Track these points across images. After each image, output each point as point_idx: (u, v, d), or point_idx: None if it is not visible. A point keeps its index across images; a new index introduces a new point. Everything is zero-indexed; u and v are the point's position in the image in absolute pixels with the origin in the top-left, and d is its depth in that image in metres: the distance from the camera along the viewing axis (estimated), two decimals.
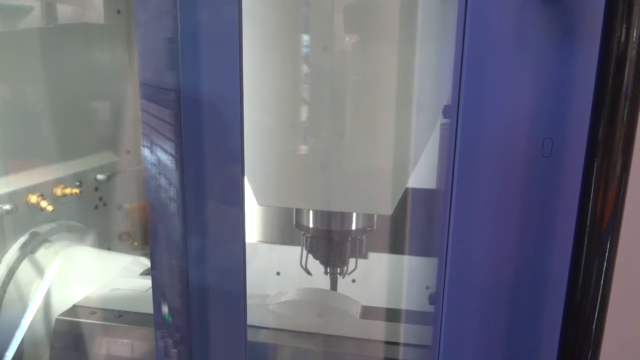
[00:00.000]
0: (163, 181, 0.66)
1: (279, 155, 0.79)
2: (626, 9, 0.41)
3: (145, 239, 1.45)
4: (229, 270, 0.62)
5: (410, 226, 0.86)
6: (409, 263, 0.91)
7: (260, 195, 0.82)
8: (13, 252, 1.17)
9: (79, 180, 1.36)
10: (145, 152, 0.70)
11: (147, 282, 1.03)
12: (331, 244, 0.88)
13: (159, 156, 0.65)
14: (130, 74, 1.49)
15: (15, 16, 1.25)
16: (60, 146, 1.35)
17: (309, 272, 0.92)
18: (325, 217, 0.87)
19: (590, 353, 0.48)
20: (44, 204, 1.22)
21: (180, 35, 0.56)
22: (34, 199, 1.22)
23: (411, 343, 0.81)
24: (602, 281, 0.46)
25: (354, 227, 0.87)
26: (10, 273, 1.16)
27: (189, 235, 0.61)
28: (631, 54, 0.42)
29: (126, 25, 1.47)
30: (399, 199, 0.79)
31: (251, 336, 0.67)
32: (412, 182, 0.79)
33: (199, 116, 0.58)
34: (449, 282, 0.54)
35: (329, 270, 0.91)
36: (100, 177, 1.43)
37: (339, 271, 0.91)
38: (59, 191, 1.29)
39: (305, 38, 0.73)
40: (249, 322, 0.64)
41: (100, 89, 1.46)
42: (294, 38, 0.74)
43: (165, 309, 0.69)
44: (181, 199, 0.60)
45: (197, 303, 0.63)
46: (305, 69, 0.75)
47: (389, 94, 0.72)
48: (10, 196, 1.17)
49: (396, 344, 0.83)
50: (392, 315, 0.89)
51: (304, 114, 0.77)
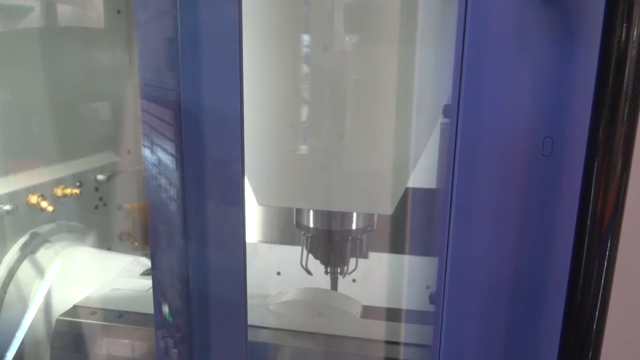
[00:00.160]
0: (163, 181, 0.66)
1: (279, 155, 0.79)
2: (626, 8, 0.41)
3: (146, 239, 1.45)
4: (229, 270, 0.62)
5: (411, 226, 0.86)
6: (409, 263, 0.91)
7: (260, 195, 0.82)
8: (13, 253, 1.17)
9: (79, 180, 1.36)
10: (146, 152, 0.70)
11: (148, 282, 1.03)
12: (331, 243, 0.88)
13: (159, 156, 0.65)
14: (130, 74, 1.49)
15: (15, 16, 1.25)
16: (61, 146, 1.35)
17: (309, 272, 0.92)
18: (325, 217, 0.87)
19: (590, 353, 0.48)
20: (44, 204, 1.22)
21: (180, 35, 0.56)
22: (34, 199, 1.22)
23: (412, 343, 0.81)
24: (603, 281, 0.46)
25: (354, 227, 0.87)
26: (11, 273, 1.16)
27: (189, 235, 0.61)
28: (631, 53, 0.42)
29: (126, 26, 1.47)
30: (399, 198, 0.79)
31: (252, 336, 0.67)
32: (412, 182, 0.79)
33: (199, 116, 0.58)
34: (450, 282, 0.54)
35: (329, 270, 0.91)
36: (100, 177, 1.43)
37: (339, 271, 0.91)
38: (59, 191, 1.29)
39: (306, 38, 0.73)
40: (250, 322, 0.64)
41: (100, 89, 1.46)
42: (294, 38, 0.74)
43: (165, 309, 0.69)
44: (181, 199, 0.60)
45: (198, 303, 0.63)
46: (305, 69, 0.75)
47: (389, 93, 0.72)
48: (11, 196, 1.17)
49: (397, 343, 0.83)
50: (393, 314, 0.89)
51: (304, 114, 0.77)
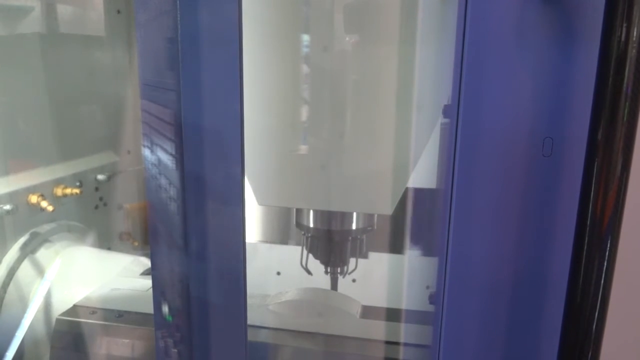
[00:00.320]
0: (163, 181, 0.66)
1: (279, 155, 0.79)
2: (626, 8, 0.41)
3: (146, 238, 1.45)
4: (229, 270, 0.62)
5: (410, 226, 0.86)
6: (409, 262, 0.91)
7: (260, 195, 0.82)
8: (13, 252, 1.17)
9: (79, 180, 1.36)
10: (146, 152, 0.70)
11: (148, 282, 1.03)
12: (331, 243, 0.88)
13: (159, 156, 0.65)
14: (130, 73, 1.49)
15: (15, 17, 1.25)
16: (61, 146, 1.35)
17: (309, 272, 0.92)
18: (325, 217, 0.87)
19: (590, 353, 0.48)
20: (44, 204, 1.22)
21: (180, 35, 0.56)
22: (34, 199, 1.22)
23: (411, 343, 0.81)
24: (603, 281, 0.46)
25: (354, 227, 0.87)
26: (11, 273, 1.16)
27: (189, 235, 0.61)
28: (631, 53, 0.42)
29: (126, 25, 1.47)
30: (399, 199, 0.79)
31: (251, 336, 0.67)
32: (412, 182, 0.79)
33: (199, 116, 0.58)
34: (449, 282, 0.54)
35: (329, 270, 0.91)
36: (100, 177, 1.43)
37: (339, 271, 0.91)
38: (59, 191, 1.29)
39: (306, 38, 0.73)
40: (249, 322, 0.64)
41: (100, 89, 1.46)
42: (294, 38, 0.74)
43: (165, 308, 0.69)
44: (181, 199, 0.60)
45: (198, 303, 0.63)
46: (305, 69, 0.75)
47: (389, 94, 0.72)
48: (11, 196, 1.17)
49: (396, 343, 0.83)
50: (393, 314, 0.89)
51: (304, 114, 0.77)
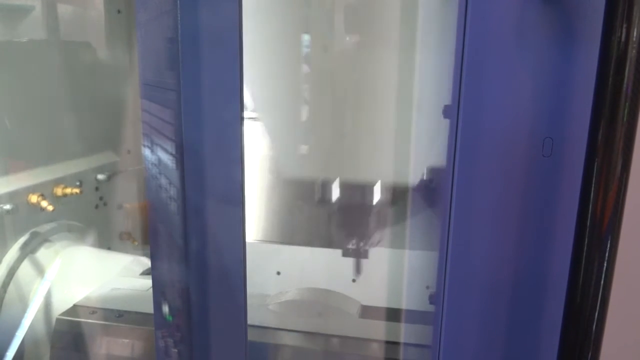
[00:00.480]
0: (163, 181, 0.66)
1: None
2: (626, 8, 0.41)
3: (146, 238, 1.45)
4: (229, 270, 0.62)
5: (410, 225, 0.86)
6: (409, 262, 0.91)
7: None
8: (13, 252, 1.17)
9: (79, 180, 1.36)
10: (146, 152, 0.70)
11: (148, 282, 1.03)
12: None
13: (160, 156, 0.65)
14: (130, 73, 1.49)
15: (15, 17, 1.25)
16: (61, 146, 1.35)
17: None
18: (348, 189, 0.84)
19: (590, 353, 0.48)
20: (44, 203, 1.22)
21: (180, 35, 0.56)
22: (34, 198, 1.22)
23: (411, 342, 0.81)
24: (603, 281, 0.46)
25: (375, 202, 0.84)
26: (11, 273, 1.16)
27: (189, 235, 0.61)
28: (631, 53, 0.42)
29: (126, 25, 1.47)
30: (400, 197, 0.79)
31: (251, 336, 0.67)
32: (412, 182, 0.79)
33: (199, 116, 0.58)
34: (449, 282, 0.54)
35: (352, 245, 0.88)
36: (100, 177, 1.43)
37: (362, 245, 0.89)
38: (59, 191, 1.29)
39: (306, 38, 0.73)
40: (249, 322, 0.64)
41: (100, 89, 1.46)
42: (293, 38, 0.74)
43: (165, 308, 0.69)
44: (181, 199, 0.60)
45: (198, 303, 0.63)
46: (305, 68, 0.75)
47: (389, 94, 0.72)
48: (11, 196, 1.17)
49: (396, 343, 0.83)
50: (392, 314, 0.89)
51: (306, 113, 0.77)
